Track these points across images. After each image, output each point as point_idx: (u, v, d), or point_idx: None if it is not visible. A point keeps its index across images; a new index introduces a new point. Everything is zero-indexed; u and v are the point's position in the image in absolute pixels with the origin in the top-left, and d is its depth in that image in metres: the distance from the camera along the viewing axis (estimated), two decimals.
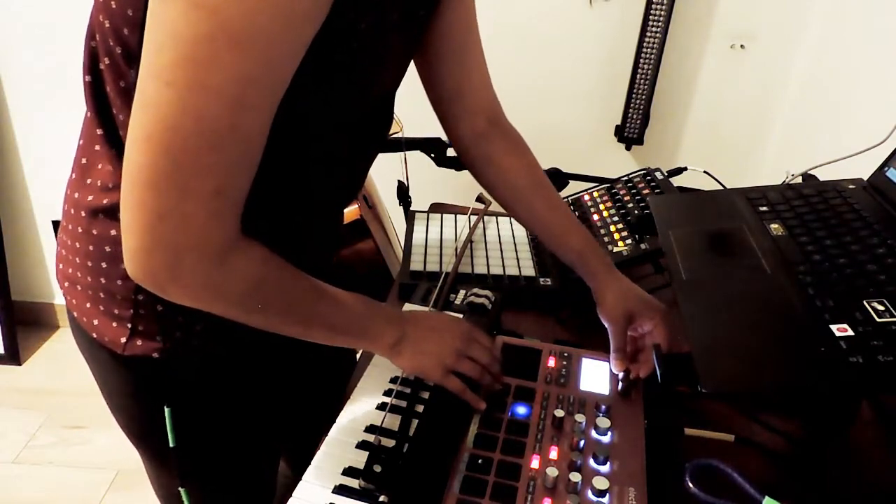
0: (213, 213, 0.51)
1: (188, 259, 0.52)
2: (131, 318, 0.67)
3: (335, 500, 0.61)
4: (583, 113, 1.88)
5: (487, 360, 0.72)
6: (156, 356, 0.68)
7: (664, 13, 1.66)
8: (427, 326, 0.72)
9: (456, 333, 0.72)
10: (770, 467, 0.71)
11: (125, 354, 0.68)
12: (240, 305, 0.58)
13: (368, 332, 0.68)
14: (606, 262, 0.83)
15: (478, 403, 0.70)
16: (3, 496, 1.70)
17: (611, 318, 0.78)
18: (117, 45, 0.55)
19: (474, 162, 0.86)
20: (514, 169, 0.85)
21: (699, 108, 1.84)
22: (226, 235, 0.53)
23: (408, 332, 0.69)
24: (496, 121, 0.85)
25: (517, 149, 0.86)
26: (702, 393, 0.61)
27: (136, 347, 0.68)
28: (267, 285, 0.58)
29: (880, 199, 0.85)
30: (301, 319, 0.63)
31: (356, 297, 0.67)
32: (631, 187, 1.15)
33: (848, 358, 0.59)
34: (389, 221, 1.72)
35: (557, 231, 0.84)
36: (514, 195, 0.85)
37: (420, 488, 0.60)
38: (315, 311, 0.63)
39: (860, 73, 1.44)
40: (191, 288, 0.54)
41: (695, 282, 0.78)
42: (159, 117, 0.47)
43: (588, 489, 0.60)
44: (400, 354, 0.69)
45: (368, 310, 0.68)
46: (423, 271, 1.00)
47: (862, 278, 0.70)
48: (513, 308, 0.94)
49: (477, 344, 0.73)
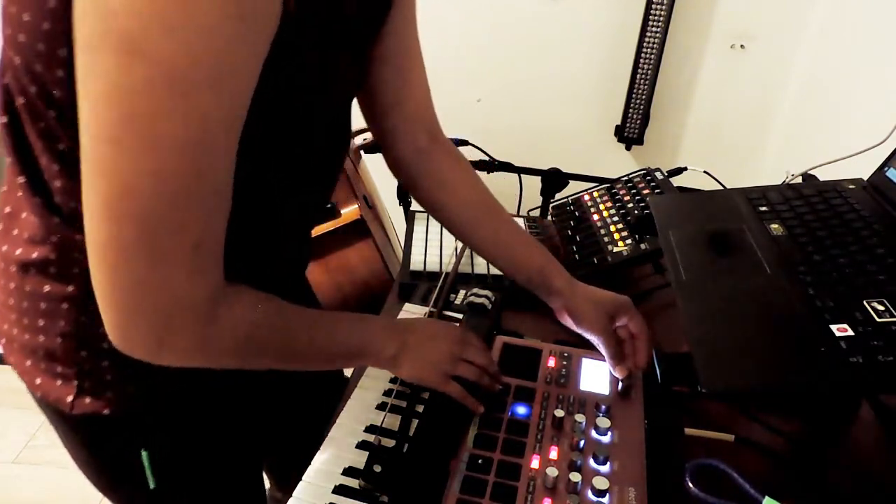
0: (194, 271, 0.48)
1: (176, 323, 0.48)
2: (76, 375, 0.62)
3: (335, 500, 0.61)
4: (583, 113, 1.88)
5: (484, 361, 0.72)
6: (107, 413, 0.63)
7: (664, 13, 1.66)
8: (423, 334, 0.71)
9: (451, 338, 0.71)
10: (770, 467, 0.71)
11: (74, 414, 0.63)
12: (236, 356, 0.56)
13: (368, 349, 0.66)
14: (568, 276, 0.79)
15: (477, 407, 0.69)
16: (3, 496, 1.70)
17: (599, 330, 0.75)
18: (31, 84, 0.49)
19: (417, 180, 0.81)
20: (463, 185, 0.81)
21: (699, 108, 1.84)
22: (212, 290, 0.50)
23: (407, 341, 0.68)
24: (436, 136, 0.81)
25: (463, 165, 0.82)
26: (702, 393, 0.61)
27: (84, 406, 0.63)
28: (261, 331, 0.55)
29: (880, 199, 0.85)
30: (300, 355, 0.61)
31: (350, 316, 0.66)
32: (631, 187, 1.15)
33: (848, 358, 0.59)
34: (389, 221, 1.72)
35: (514, 249, 0.80)
36: (465, 212, 0.80)
37: (420, 488, 0.60)
38: (312, 343, 0.61)
39: (860, 73, 1.44)
40: (185, 351, 0.51)
41: (695, 282, 0.78)
42: (113, 182, 0.43)
43: (588, 489, 0.60)
44: (400, 365, 0.68)
45: (365, 327, 0.67)
46: (423, 271, 1.00)
47: (862, 278, 0.70)
48: (513, 308, 0.94)
49: (472, 347, 0.72)
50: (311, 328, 0.61)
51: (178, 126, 0.42)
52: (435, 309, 0.87)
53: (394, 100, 0.76)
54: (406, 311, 0.89)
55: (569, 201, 1.22)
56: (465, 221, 0.81)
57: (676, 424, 0.73)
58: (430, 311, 0.87)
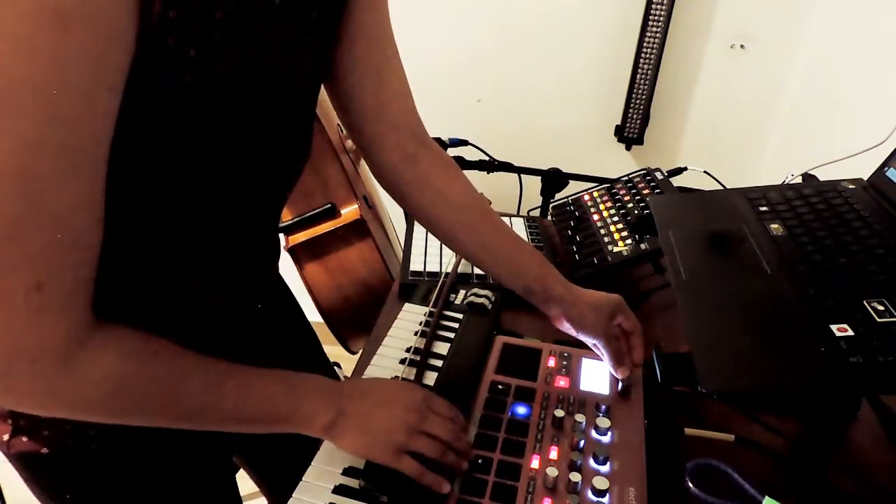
0: (37, 312, 0.42)
1: (18, 368, 0.43)
2: (10, 413, 0.60)
3: (335, 500, 0.61)
4: (583, 113, 1.88)
5: (448, 434, 0.62)
6: (45, 451, 0.61)
7: (664, 13, 1.66)
8: (372, 399, 0.62)
9: (407, 405, 0.62)
10: (770, 467, 0.71)
11: (12, 453, 0.62)
12: (102, 411, 0.50)
13: (294, 415, 0.58)
14: (565, 281, 0.75)
15: (440, 486, 0.59)
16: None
17: (602, 335, 0.73)
18: None
19: (404, 187, 0.75)
20: (456, 193, 0.76)
21: (699, 108, 1.84)
22: (62, 335, 0.44)
23: (346, 408, 0.60)
24: (423, 140, 0.76)
25: (454, 171, 0.78)
26: (702, 393, 0.61)
27: (21, 444, 0.61)
28: (134, 387, 0.49)
29: (880, 199, 0.85)
30: (197, 417, 0.53)
31: (276, 374, 0.58)
32: (631, 187, 1.15)
33: (848, 358, 0.59)
34: (389, 221, 1.72)
35: (509, 256, 0.75)
36: (458, 219, 0.75)
37: (420, 488, 0.60)
38: (214, 404, 0.53)
39: (860, 73, 1.44)
40: (31, 397, 0.46)
41: (695, 282, 0.78)
42: None
43: (588, 489, 0.60)
44: (340, 436, 0.59)
45: (293, 390, 0.59)
46: (423, 271, 1.00)
47: (862, 278, 0.70)
48: (513, 308, 0.94)
49: (434, 416, 0.62)
50: (215, 386, 0.53)
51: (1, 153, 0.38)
52: (435, 309, 0.87)
53: (374, 105, 0.71)
54: (406, 311, 0.89)
55: (569, 201, 1.22)
56: (455, 227, 0.76)
57: (676, 424, 0.73)
58: (430, 311, 0.87)
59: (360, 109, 0.71)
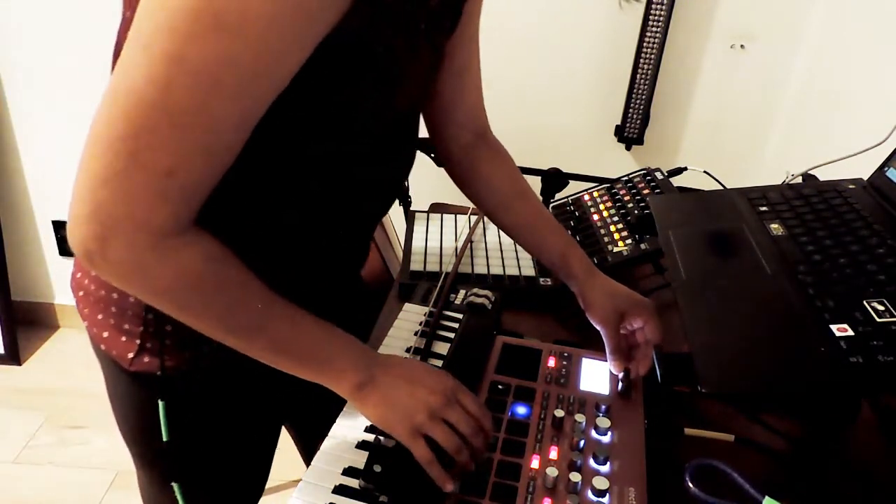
0: (158, 193, 0.48)
1: (121, 233, 0.48)
2: (140, 334, 0.67)
3: (335, 500, 0.61)
4: (583, 113, 1.88)
5: (468, 429, 0.61)
6: (159, 374, 0.69)
7: (664, 13, 1.66)
8: (401, 374, 0.63)
9: (435, 388, 0.62)
10: (770, 467, 0.71)
11: (131, 370, 0.68)
12: (170, 298, 0.54)
13: (330, 364, 0.61)
14: (588, 264, 0.81)
15: (444, 483, 0.58)
16: (3, 496, 1.70)
17: (603, 320, 0.76)
18: None
19: (458, 172, 0.86)
20: (496, 177, 0.85)
21: (699, 108, 1.84)
22: (168, 219, 0.49)
23: (377, 375, 0.61)
24: (482, 133, 0.86)
25: (500, 157, 0.87)
26: (702, 393, 0.61)
27: (142, 364, 0.68)
28: (202, 284, 0.53)
29: (880, 199, 0.85)
30: (243, 333, 0.57)
31: (326, 325, 0.61)
32: (631, 187, 1.15)
33: (848, 358, 0.59)
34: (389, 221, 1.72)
35: (538, 235, 0.84)
36: (497, 201, 0.85)
37: (420, 488, 0.60)
38: (263, 328, 0.57)
39: (860, 73, 1.44)
40: (118, 265, 0.50)
41: (695, 282, 0.78)
42: (127, 80, 0.45)
43: (588, 489, 0.60)
44: (364, 400, 0.61)
45: (336, 341, 0.62)
46: (423, 271, 1.00)
47: (862, 278, 0.70)
48: (513, 308, 0.94)
49: (458, 407, 0.62)
50: (271, 313, 0.57)
51: (205, 56, 0.44)
52: (435, 309, 0.87)
53: (447, 103, 0.80)
54: (406, 311, 0.89)
55: (569, 201, 1.22)
56: (494, 206, 0.85)
57: (676, 424, 0.73)
58: (430, 311, 0.87)
59: (439, 107, 0.81)
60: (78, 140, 0.47)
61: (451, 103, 0.81)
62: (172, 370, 0.69)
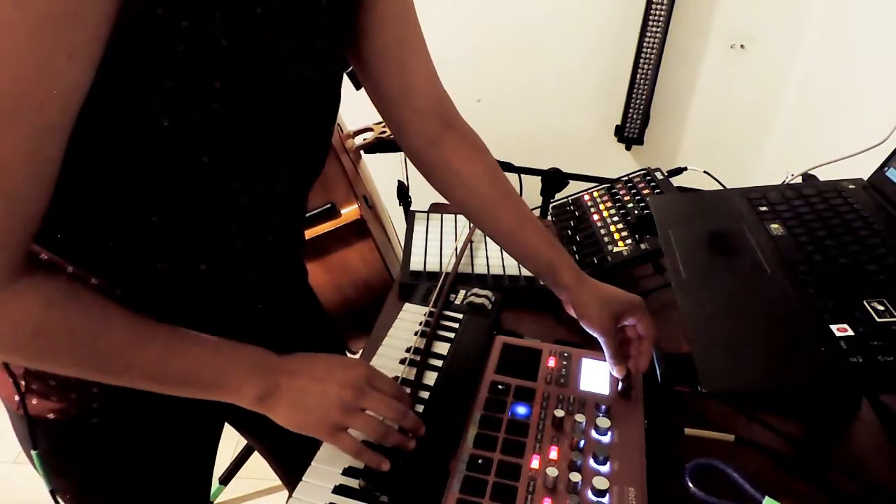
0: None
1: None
2: (24, 374, 0.62)
3: (335, 500, 0.61)
4: (583, 113, 1.89)
5: (392, 412, 0.61)
6: (51, 417, 0.64)
7: (664, 13, 1.66)
8: (307, 375, 0.60)
9: (343, 382, 0.60)
10: (770, 467, 0.71)
11: (18, 413, 0.64)
12: (14, 354, 0.51)
13: (222, 383, 0.58)
14: (577, 271, 0.76)
15: (379, 465, 0.60)
16: (3, 496, 1.70)
17: (600, 328, 0.73)
18: None
19: (430, 170, 0.78)
20: (475, 175, 0.77)
21: (699, 108, 1.84)
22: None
23: (279, 382, 0.59)
24: (449, 121, 0.77)
25: (476, 153, 0.79)
26: (702, 393, 0.61)
27: (31, 407, 0.63)
28: (49, 334, 0.49)
29: (880, 199, 0.85)
30: (112, 370, 0.54)
31: (210, 342, 0.58)
32: (631, 187, 1.15)
33: (848, 358, 0.59)
34: (389, 221, 1.72)
35: (522, 241, 0.78)
36: (477, 203, 0.78)
37: (420, 488, 0.60)
38: (134, 360, 0.54)
39: (860, 73, 1.44)
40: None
41: (695, 282, 0.78)
42: None
43: (588, 489, 0.60)
44: (272, 410, 0.59)
45: (222, 356, 0.58)
46: (423, 271, 1.00)
47: (862, 278, 0.70)
48: (513, 308, 0.94)
49: (374, 393, 0.61)
50: (139, 343, 0.54)
51: None
52: (435, 309, 0.87)
53: (398, 93, 0.73)
54: (406, 311, 0.89)
55: (569, 201, 1.22)
56: (475, 211, 0.79)
57: (676, 424, 0.73)
58: (430, 311, 0.87)
59: (386, 97, 0.74)
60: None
61: (400, 90, 0.73)
62: (65, 413, 0.64)
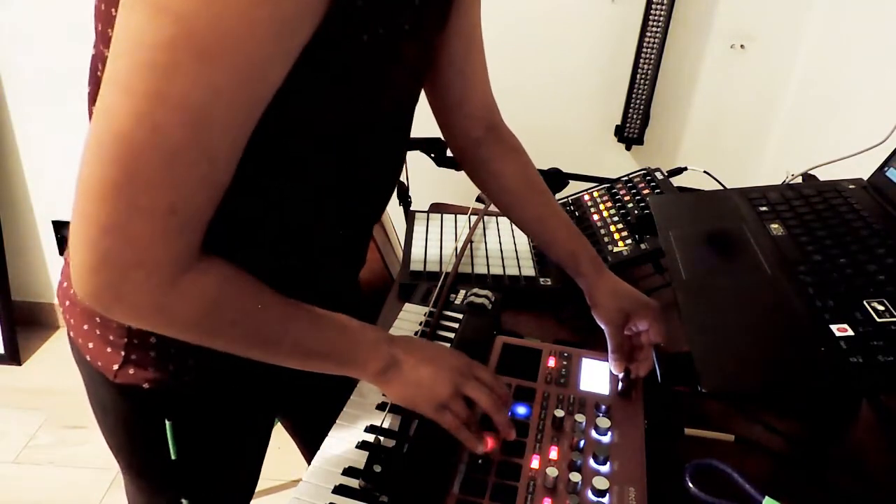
0: (164, 232, 0.47)
1: (134, 278, 0.47)
2: (125, 346, 0.66)
3: (335, 500, 0.61)
4: (583, 113, 1.88)
5: (488, 403, 0.65)
6: (146, 387, 0.67)
7: (664, 13, 1.66)
8: (421, 355, 0.66)
9: (453, 365, 0.66)
10: (770, 467, 0.71)
11: (116, 382, 0.67)
12: (194, 330, 0.54)
13: (353, 357, 0.63)
14: (597, 262, 0.82)
15: (474, 444, 0.63)
16: (3, 496, 1.70)
17: (606, 319, 0.77)
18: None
19: (470, 166, 0.86)
20: (508, 173, 0.85)
21: (699, 108, 1.84)
22: (179, 256, 0.49)
23: (399, 358, 0.64)
24: (493, 126, 0.85)
25: (512, 153, 0.86)
26: (702, 393, 0.61)
27: (127, 376, 0.67)
28: (224, 308, 0.54)
29: (880, 199, 0.85)
30: (268, 344, 0.58)
31: (340, 319, 0.63)
32: (631, 187, 1.15)
33: (848, 358, 0.59)
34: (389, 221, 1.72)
35: (548, 231, 0.84)
36: (508, 198, 0.85)
37: (420, 488, 0.60)
38: (285, 335, 0.59)
39: (860, 73, 1.44)
40: (137, 309, 0.50)
41: (695, 282, 0.78)
42: (113, 125, 0.43)
43: (588, 489, 0.60)
44: (389, 383, 0.64)
45: (353, 333, 0.64)
46: (423, 271, 1.00)
47: (862, 278, 0.70)
48: (513, 308, 0.94)
49: (476, 382, 0.66)
50: (287, 320, 0.59)
51: (189, 89, 0.43)
52: (435, 309, 0.87)
53: (456, 101, 0.81)
54: (406, 311, 0.89)
55: (569, 201, 1.22)
56: (507, 205, 0.86)
57: (676, 424, 0.74)
58: (430, 311, 0.87)
59: (445, 103, 0.82)
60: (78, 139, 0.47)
61: (458, 98, 0.81)
62: (158, 383, 0.67)
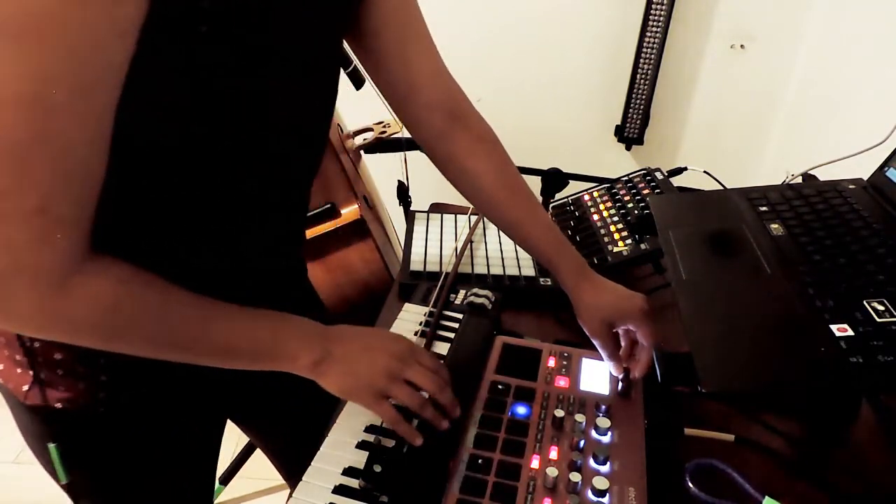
0: (39, 234, 0.44)
1: (17, 286, 0.45)
2: (30, 365, 0.62)
3: (335, 500, 0.61)
4: (583, 113, 1.89)
5: (431, 386, 0.64)
6: (58, 406, 0.64)
7: (664, 13, 1.66)
8: (358, 344, 0.64)
9: (392, 352, 0.64)
10: (770, 467, 0.71)
11: (27, 404, 0.65)
12: (97, 334, 0.52)
13: (282, 351, 0.60)
14: (577, 268, 0.77)
15: (413, 437, 0.62)
16: (3, 496, 1.70)
17: (590, 331, 0.75)
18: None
19: (441, 164, 0.79)
20: (481, 171, 0.77)
21: (699, 108, 1.84)
22: (62, 258, 0.46)
23: (332, 349, 0.62)
24: (457, 114, 0.77)
25: (483, 145, 0.78)
26: (702, 393, 0.61)
27: (37, 397, 0.64)
28: (125, 310, 0.51)
29: (880, 199, 0.85)
30: (183, 344, 0.55)
31: (266, 314, 0.60)
32: (631, 187, 1.15)
33: (848, 358, 0.59)
34: (389, 221, 1.72)
35: (526, 238, 0.79)
36: (483, 199, 0.79)
37: (420, 488, 0.60)
38: (202, 334, 0.56)
39: (860, 73, 1.44)
40: (30, 318, 0.48)
41: (695, 282, 0.78)
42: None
43: (588, 489, 0.60)
44: (324, 375, 0.62)
45: (280, 327, 0.61)
46: (423, 271, 1.00)
47: (862, 278, 0.70)
48: (513, 308, 0.94)
49: (417, 366, 0.64)
50: (204, 318, 0.56)
51: (13, 78, 0.40)
52: (435, 309, 0.87)
53: (405, 90, 0.75)
54: (406, 311, 0.89)
55: (569, 201, 1.22)
56: (480, 205, 0.81)
57: (676, 424, 0.73)
58: (430, 311, 0.87)
59: (394, 94, 0.75)
60: None
61: (407, 87, 0.74)
62: (69, 402, 0.64)
